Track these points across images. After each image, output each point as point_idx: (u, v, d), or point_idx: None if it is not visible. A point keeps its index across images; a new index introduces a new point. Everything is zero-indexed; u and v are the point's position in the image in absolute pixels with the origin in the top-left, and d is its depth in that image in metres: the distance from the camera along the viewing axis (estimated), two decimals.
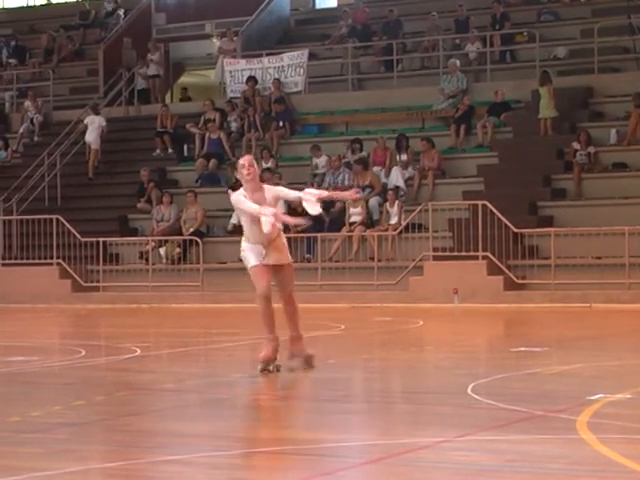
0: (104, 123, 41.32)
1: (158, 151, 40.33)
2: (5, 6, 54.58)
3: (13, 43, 48.98)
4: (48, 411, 13.64)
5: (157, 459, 10.53)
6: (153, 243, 35.97)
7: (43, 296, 34.09)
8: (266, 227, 15.82)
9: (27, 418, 12.94)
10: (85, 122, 41.41)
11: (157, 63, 43.89)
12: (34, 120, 43.04)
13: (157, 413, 14.01)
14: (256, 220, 16.19)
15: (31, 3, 55.74)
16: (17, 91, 45.30)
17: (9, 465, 9.92)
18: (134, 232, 37.52)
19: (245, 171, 16.64)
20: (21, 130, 43.14)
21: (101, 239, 35.98)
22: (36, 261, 35.76)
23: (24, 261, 36.14)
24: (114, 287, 35.03)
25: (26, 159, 41.21)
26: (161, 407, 14.48)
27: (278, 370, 16.47)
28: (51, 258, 35.68)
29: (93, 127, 40.93)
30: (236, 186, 35.44)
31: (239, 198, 16.51)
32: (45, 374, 17.90)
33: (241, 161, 16.83)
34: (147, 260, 35.83)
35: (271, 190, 17.39)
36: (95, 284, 35.53)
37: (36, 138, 42.55)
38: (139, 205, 37.90)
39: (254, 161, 17.15)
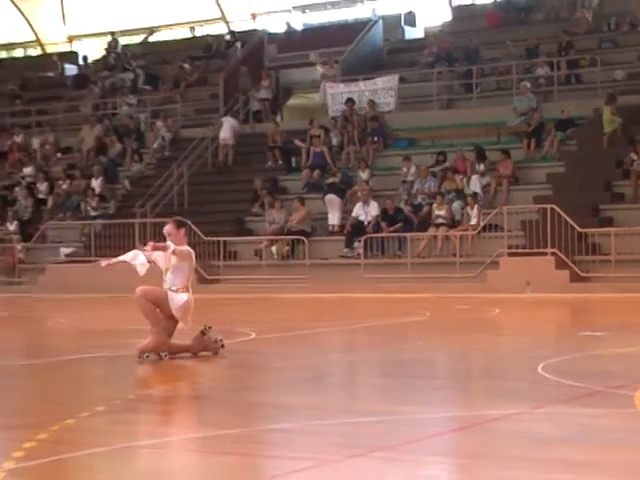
0: (237, 124, 42.19)
1: (270, 163, 40.47)
2: (139, 41, 54.69)
3: (146, 72, 49.23)
4: (176, 385, 13.66)
5: (268, 427, 10.54)
6: (266, 242, 36.03)
7: None
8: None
9: (156, 391, 12.96)
10: (221, 120, 42.25)
11: (268, 88, 44.05)
12: (165, 137, 43.25)
13: (269, 387, 14.02)
14: None
15: (161, 38, 55.92)
16: (150, 113, 45.54)
17: (143, 431, 9.93)
18: (249, 232, 37.62)
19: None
20: (154, 146, 43.38)
21: (221, 239, 36.17)
22: None
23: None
24: (232, 280, 35.12)
25: (158, 170, 41.39)
26: (272, 382, 14.47)
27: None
28: None
29: (228, 126, 41.68)
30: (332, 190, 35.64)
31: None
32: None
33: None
34: (260, 256, 35.91)
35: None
36: (216, 277, 35.64)
37: (166, 153, 42.72)
38: (254, 209, 38.01)
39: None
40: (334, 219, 35.90)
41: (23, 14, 58.91)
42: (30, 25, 59.30)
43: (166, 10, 56.30)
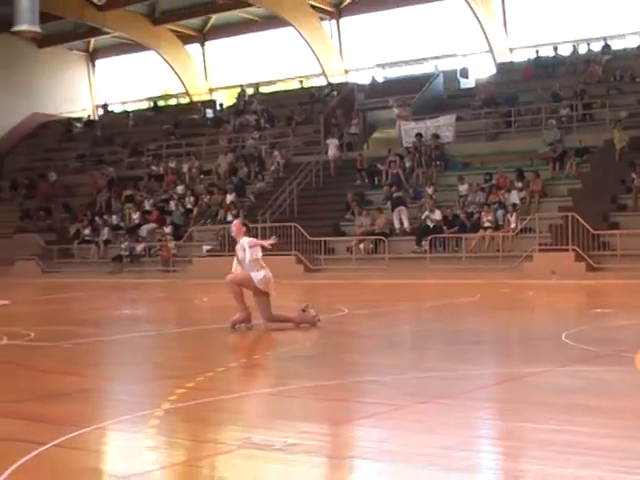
0: (338, 143, 42.71)
1: (358, 181, 40.52)
2: (261, 91, 54.91)
3: (266, 114, 49.44)
4: (290, 349, 13.69)
5: (357, 380, 10.55)
6: (355, 241, 36.06)
7: (284, 275, 34.28)
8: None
9: (273, 353, 13.01)
10: (327, 142, 42.72)
11: (357, 125, 44.12)
12: (280, 163, 43.40)
13: (358, 350, 14.02)
14: None
15: (277, 89, 56.14)
16: (269, 144, 45.70)
17: (267, 382, 9.99)
18: (343, 234, 37.62)
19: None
20: (272, 169, 43.56)
21: (322, 239, 36.22)
22: (281, 252, 35.98)
23: (273, 252, 36.37)
24: (330, 269, 35.15)
25: (275, 187, 41.56)
26: (360, 347, 14.47)
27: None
28: (290, 250, 35.90)
29: (332, 146, 42.36)
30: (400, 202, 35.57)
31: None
32: (285, 325, 17.98)
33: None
34: (351, 252, 35.93)
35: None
36: (318, 267, 35.69)
37: (281, 174, 42.84)
38: (346, 216, 38.03)
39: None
40: (405, 223, 35.97)
41: (176, 73, 59.36)
42: (181, 81, 59.75)
43: (281, 67, 56.52)
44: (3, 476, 6.06)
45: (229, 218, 40.53)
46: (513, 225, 33.26)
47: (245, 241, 17.50)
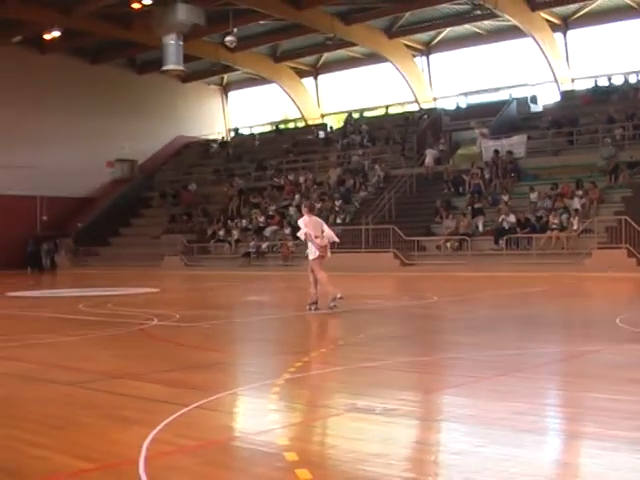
0: (436, 152, 42.71)
1: (445, 190, 40.19)
2: (364, 116, 54.94)
3: (368, 135, 49.43)
4: (388, 329, 13.70)
5: (443, 356, 10.52)
6: (443, 240, 35.85)
7: (383, 269, 34.28)
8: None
9: (374, 333, 13.02)
10: (426, 152, 42.76)
11: (444, 143, 43.84)
12: (380, 175, 43.28)
13: (444, 331, 13.98)
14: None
15: (377, 113, 56.09)
16: (371, 160, 45.57)
17: (369, 357, 10.02)
18: (433, 234, 37.37)
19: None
20: (373, 180, 43.43)
21: (415, 238, 36.06)
22: (381, 249, 35.97)
23: (375, 249, 36.38)
24: (422, 264, 34.93)
25: (376, 195, 41.46)
26: (447, 328, 14.43)
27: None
28: (389, 248, 35.83)
29: (430, 155, 42.40)
30: (479, 212, 35.16)
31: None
32: (385, 309, 17.96)
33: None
34: (440, 249, 35.75)
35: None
36: (412, 262, 35.51)
37: (381, 184, 42.70)
38: (435, 219, 37.79)
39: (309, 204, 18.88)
40: (480, 228, 35.70)
41: (294, 101, 59.72)
42: (298, 108, 60.07)
43: (381, 96, 56.51)
44: (156, 430, 6.22)
45: (338, 221, 40.70)
46: (575, 227, 32.72)
47: (300, 220, 17.89)
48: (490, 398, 7.49)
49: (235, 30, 43.72)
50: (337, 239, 18.10)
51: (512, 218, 34.41)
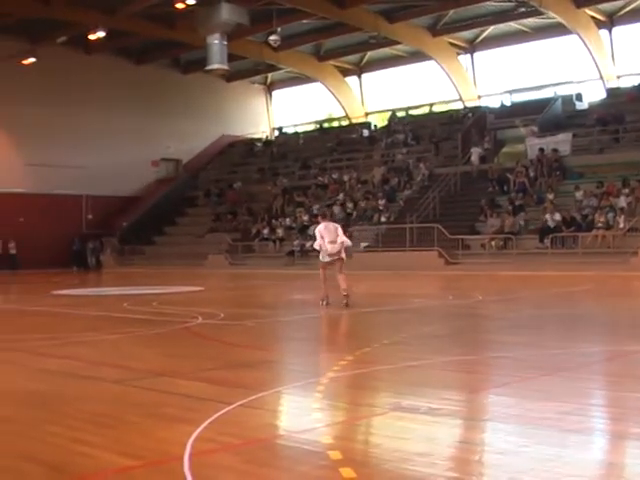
0: (483, 152, 42.73)
1: (490, 189, 39.97)
2: (408, 114, 54.88)
3: (412, 133, 49.33)
4: (432, 328, 13.67)
5: (490, 355, 10.48)
6: (488, 239, 35.69)
7: (428, 267, 34.19)
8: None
9: (418, 332, 13.00)
10: (471, 151, 42.79)
11: (489, 142, 43.64)
12: (424, 174, 43.17)
13: (490, 330, 13.92)
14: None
15: (421, 112, 55.98)
16: (415, 158, 45.43)
17: (413, 357, 10.00)
18: (477, 233, 37.21)
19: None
20: (417, 179, 43.34)
21: (460, 237, 35.93)
22: (426, 248, 35.88)
23: (419, 248, 36.30)
24: (467, 263, 34.78)
25: (420, 194, 41.34)
26: (492, 327, 14.36)
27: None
28: (433, 247, 35.74)
29: (475, 153, 42.50)
30: (521, 210, 34.93)
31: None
32: (429, 308, 17.93)
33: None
34: (484, 248, 35.59)
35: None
36: (456, 261, 35.38)
37: (425, 183, 42.59)
38: (480, 218, 37.62)
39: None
40: (521, 222, 35.56)
41: (338, 100, 59.72)
42: (342, 106, 60.05)
43: (424, 94, 56.36)
44: (200, 428, 6.25)
45: (382, 220, 40.69)
46: (622, 225, 32.44)
47: (316, 230, 18.90)
48: (535, 398, 7.44)
49: (279, 29, 43.80)
50: (349, 243, 18.95)
51: (557, 217, 34.18)
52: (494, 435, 6.32)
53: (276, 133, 63.44)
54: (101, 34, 42.20)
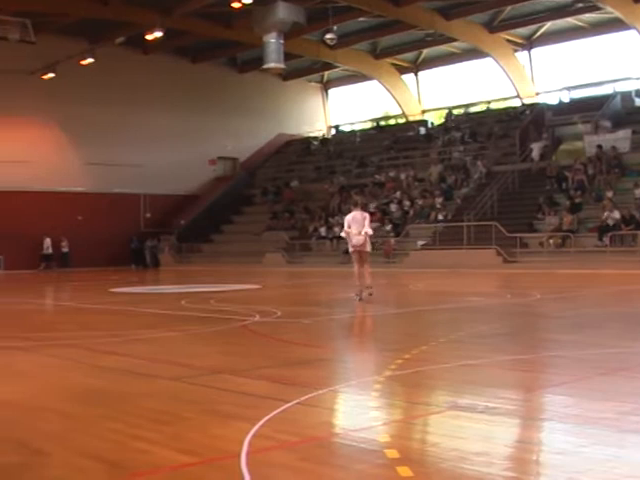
0: (541, 146, 42.33)
1: (548, 187, 39.62)
2: (465, 111, 54.67)
3: (469, 131, 49.08)
4: (489, 327, 13.56)
5: (548, 354, 10.39)
6: (546, 237, 35.40)
7: (485, 266, 33.99)
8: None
9: (476, 331, 12.91)
10: (531, 147, 42.72)
11: (547, 139, 43.27)
12: (482, 171, 42.96)
13: (548, 329, 13.79)
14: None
15: (478, 109, 55.63)
16: (472, 156, 45.22)
17: (470, 355, 9.93)
18: (535, 231, 36.90)
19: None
20: (475, 176, 43.13)
21: (518, 235, 35.72)
22: (483, 246, 35.67)
23: (476, 246, 36.09)
24: (525, 261, 34.56)
25: (477, 192, 41.17)
26: (550, 325, 14.23)
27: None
28: (491, 244, 35.52)
29: (536, 148, 42.34)
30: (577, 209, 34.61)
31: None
32: (486, 307, 17.82)
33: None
34: (542, 246, 35.30)
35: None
36: (514, 259, 35.13)
37: (483, 181, 42.40)
38: (538, 216, 37.33)
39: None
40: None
41: (394, 97, 59.58)
42: (398, 104, 59.92)
43: (481, 91, 56.09)
44: (257, 425, 6.27)
45: (439, 218, 40.54)
46: None
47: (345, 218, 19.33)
48: (593, 397, 7.37)
49: (335, 27, 43.79)
50: (371, 232, 19.00)
51: (616, 214, 33.79)
52: (552, 435, 6.26)
53: (333, 131, 63.53)
54: (158, 34, 42.53)
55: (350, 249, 18.81)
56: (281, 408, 6.89)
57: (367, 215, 18.94)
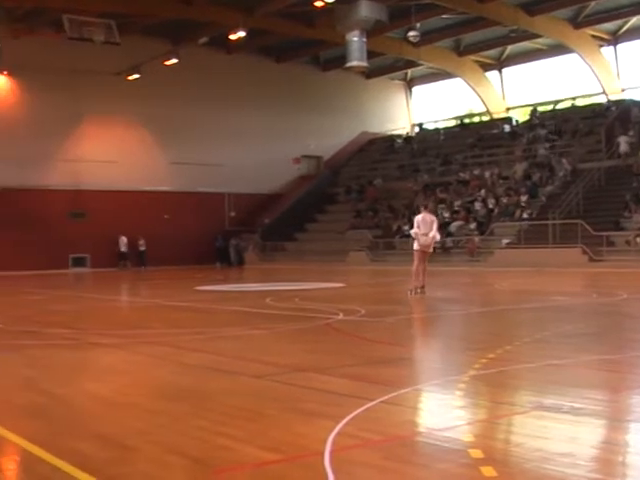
0: (628, 139, 41.85)
1: (635, 184, 38.87)
2: (550, 108, 54.04)
3: (554, 128, 48.51)
4: (575, 326, 13.42)
5: (633, 354, 10.33)
6: (633, 234, 34.80)
7: (571, 265, 33.57)
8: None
9: (561, 330, 12.77)
10: (618, 141, 41.96)
11: (633, 136, 42.53)
12: (567, 169, 42.41)
13: (634, 329, 13.60)
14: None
15: (563, 106, 54.90)
16: (557, 154, 44.64)
17: (555, 355, 9.84)
18: (622, 229, 36.28)
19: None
20: (560, 174, 42.56)
21: (604, 233, 35.23)
22: (568, 245, 35.24)
23: (562, 244, 35.68)
24: (611, 260, 34.00)
25: (563, 190, 40.70)
26: (636, 326, 14.02)
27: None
28: (577, 243, 35.06)
29: (623, 142, 41.73)
30: None
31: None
32: (571, 306, 17.60)
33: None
34: (629, 244, 34.72)
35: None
36: (600, 258, 34.58)
37: (568, 178, 41.86)
38: (625, 214, 36.74)
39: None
40: None
41: (478, 95, 59.14)
42: (482, 101, 59.47)
43: (566, 88, 55.35)
44: (340, 424, 6.29)
45: (524, 216, 40.13)
46: None
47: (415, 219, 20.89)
48: None
49: (418, 25, 43.64)
50: (438, 238, 21.33)
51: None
52: (638, 436, 6.17)
53: (416, 129, 63.32)
54: (241, 34, 42.87)
55: (416, 247, 20.22)
56: (365, 406, 6.91)
57: (435, 219, 20.65)
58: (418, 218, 20.25)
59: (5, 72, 43.90)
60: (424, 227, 19.96)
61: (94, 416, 7.02)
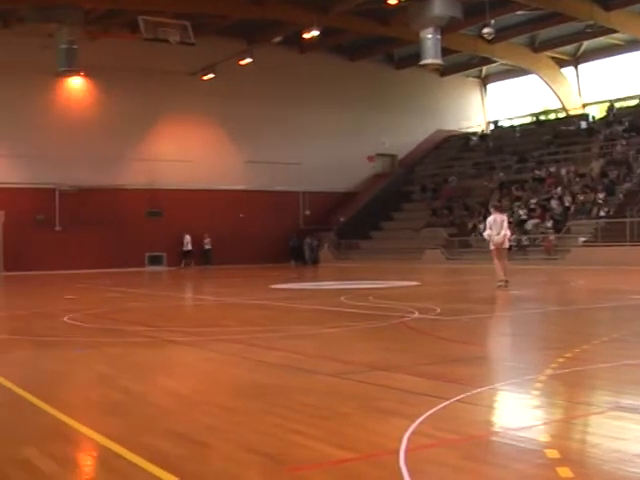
0: None
1: None
2: (628, 104, 53.22)
3: (632, 124, 47.73)
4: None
5: None
6: None
7: None
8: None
9: (635, 330, 12.60)
10: None
11: None
12: None
13: None
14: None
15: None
16: (635, 150, 43.88)
17: (633, 355, 9.72)
18: None
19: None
20: (638, 171, 41.84)
21: None
22: None
23: (639, 242, 35.15)
24: None
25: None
26: None
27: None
28: None
29: None
30: None
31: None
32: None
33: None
34: None
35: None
36: None
37: None
38: None
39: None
40: None
41: (554, 91, 58.47)
42: (558, 98, 58.78)
43: None
44: (416, 422, 6.28)
45: (601, 214, 39.56)
46: None
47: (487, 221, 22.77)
48: None
49: (492, 21, 43.27)
50: (509, 234, 22.75)
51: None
52: None
53: (491, 127, 62.85)
54: (315, 33, 42.97)
55: (492, 247, 22.03)
56: (440, 405, 6.89)
57: (505, 217, 22.49)
58: (490, 220, 22.03)
59: (81, 73, 44.54)
60: (495, 227, 21.78)
61: (170, 413, 7.11)
